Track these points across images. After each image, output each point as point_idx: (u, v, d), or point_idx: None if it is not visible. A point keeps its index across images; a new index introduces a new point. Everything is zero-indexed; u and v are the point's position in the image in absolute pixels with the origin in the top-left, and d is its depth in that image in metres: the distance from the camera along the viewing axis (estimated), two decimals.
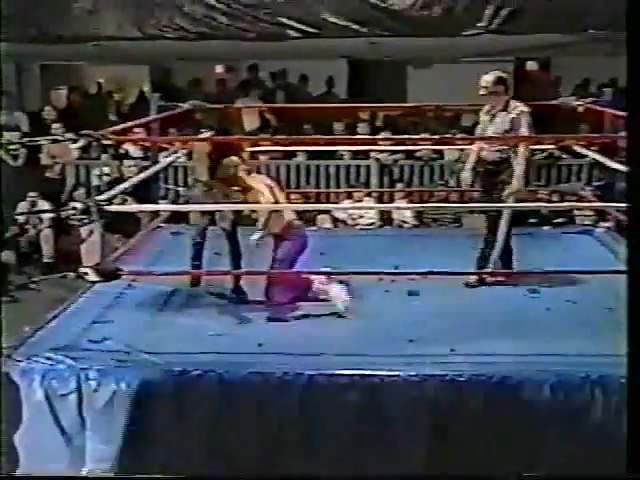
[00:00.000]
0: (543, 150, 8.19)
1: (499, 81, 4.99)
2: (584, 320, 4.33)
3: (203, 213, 5.00)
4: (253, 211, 4.99)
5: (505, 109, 4.98)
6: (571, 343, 4.04)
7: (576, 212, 8.05)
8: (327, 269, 4.86)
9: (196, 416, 3.79)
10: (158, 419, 3.80)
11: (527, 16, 8.36)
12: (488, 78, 5.00)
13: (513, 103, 4.99)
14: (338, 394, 3.74)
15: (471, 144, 5.46)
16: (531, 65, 10.67)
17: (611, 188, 5.95)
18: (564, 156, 8.99)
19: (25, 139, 7.51)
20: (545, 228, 7.24)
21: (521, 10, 8.35)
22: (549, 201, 7.98)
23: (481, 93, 5.03)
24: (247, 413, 3.78)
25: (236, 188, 4.76)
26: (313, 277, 4.70)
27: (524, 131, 4.90)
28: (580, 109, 5.99)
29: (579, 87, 10.40)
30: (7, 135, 9.27)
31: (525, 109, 4.92)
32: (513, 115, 4.93)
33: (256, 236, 4.58)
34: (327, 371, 3.77)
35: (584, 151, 6.48)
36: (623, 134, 4.28)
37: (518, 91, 10.86)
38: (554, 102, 6.32)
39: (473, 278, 4.91)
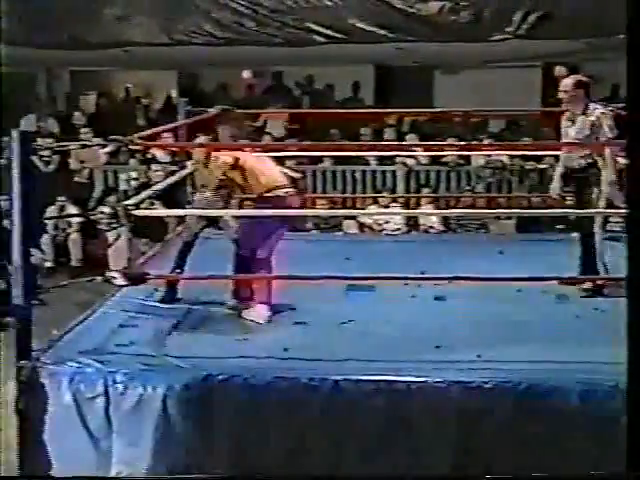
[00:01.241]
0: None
1: (579, 85, 4.84)
2: (613, 328, 4.27)
3: (200, 217, 4.97)
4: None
5: (584, 113, 4.82)
6: (599, 351, 4.00)
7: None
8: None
9: (222, 420, 3.80)
10: (184, 422, 3.81)
11: (556, 21, 8.32)
12: (568, 82, 4.84)
13: (592, 106, 4.83)
14: (363, 400, 3.73)
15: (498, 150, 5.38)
16: (559, 70, 10.59)
17: None
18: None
19: (54, 144, 7.61)
20: (573, 234, 7.17)
21: (550, 15, 8.32)
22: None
23: (560, 97, 4.89)
24: (273, 417, 3.79)
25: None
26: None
27: (607, 133, 4.72)
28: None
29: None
30: (40, 141, 9.38)
31: (605, 111, 4.76)
32: (592, 118, 4.77)
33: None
34: (353, 377, 3.76)
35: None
36: None
37: (546, 96, 10.91)
38: None
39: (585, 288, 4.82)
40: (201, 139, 5.17)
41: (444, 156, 9.37)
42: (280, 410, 3.77)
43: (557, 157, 8.73)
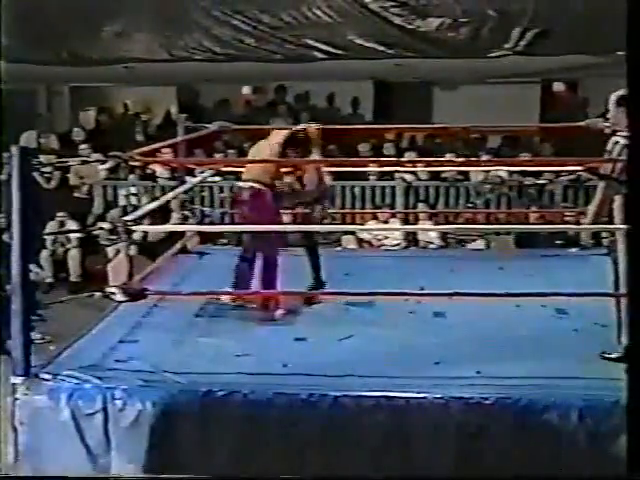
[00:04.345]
0: (570, 172, 8.15)
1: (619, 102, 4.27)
2: (613, 343, 4.27)
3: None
4: None
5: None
6: (599, 366, 4.00)
7: (603, 234, 7.98)
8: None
9: (221, 436, 3.79)
10: (183, 438, 3.80)
11: (554, 38, 8.36)
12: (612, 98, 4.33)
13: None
14: (363, 416, 3.72)
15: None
16: (558, 86, 10.65)
17: None
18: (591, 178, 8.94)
19: (54, 160, 7.62)
20: (572, 250, 7.20)
21: (548, 32, 8.36)
22: (577, 223, 7.92)
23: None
24: (272, 433, 3.77)
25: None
26: None
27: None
28: (607, 130, 5.92)
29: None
30: (43, 158, 9.40)
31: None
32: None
33: None
34: (353, 393, 3.76)
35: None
36: None
37: (545, 112, 10.96)
38: (581, 123, 6.27)
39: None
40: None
41: (443, 172, 9.39)
42: (279, 426, 3.77)
43: (556, 172, 8.89)
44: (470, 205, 9.26)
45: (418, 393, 3.73)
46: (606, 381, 3.82)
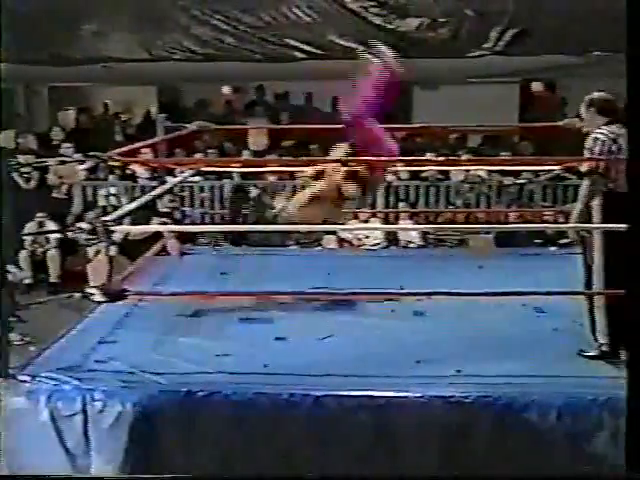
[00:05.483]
0: (549, 171, 8.21)
1: (590, 104, 4.29)
2: (591, 341, 4.31)
3: None
4: None
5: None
6: (578, 365, 4.03)
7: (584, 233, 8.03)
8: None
9: (202, 436, 3.78)
10: (164, 439, 3.79)
11: (532, 38, 8.41)
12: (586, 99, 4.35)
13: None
14: (345, 415, 3.73)
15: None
16: (536, 86, 10.71)
17: None
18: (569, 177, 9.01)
19: (31, 160, 7.57)
20: (551, 249, 7.24)
21: (526, 32, 8.41)
22: (555, 222, 7.99)
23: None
24: (254, 433, 3.77)
25: None
26: None
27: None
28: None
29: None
30: (21, 158, 9.33)
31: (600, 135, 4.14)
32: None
33: None
34: (334, 392, 3.76)
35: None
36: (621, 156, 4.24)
37: (524, 112, 11.02)
38: (559, 123, 6.32)
39: None
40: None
41: (423, 171, 9.41)
42: (261, 426, 3.76)
43: (535, 172, 8.95)
44: (453, 206, 9.29)
45: (399, 392, 3.74)
46: (585, 379, 3.86)
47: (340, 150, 5.09)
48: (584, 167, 4.15)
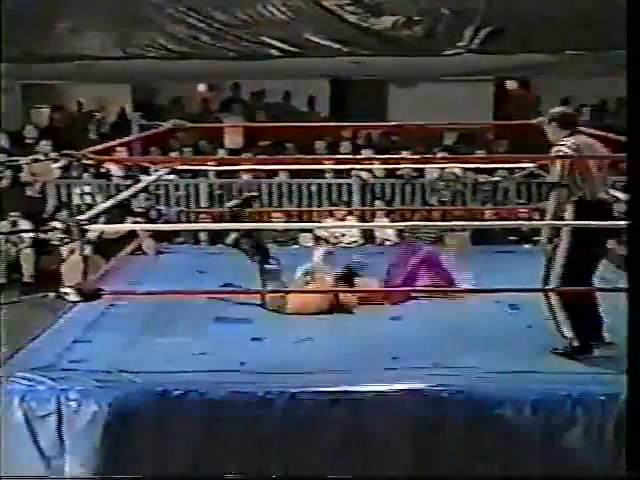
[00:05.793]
0: (524, 169, 8.26)
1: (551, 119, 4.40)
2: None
3: None
4: None
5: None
6: (551, 361, 4.07)
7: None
8: None
9: (178, 435, 3.77)
10: (139, 439, 3.77)
11: (506, 36, 8.47)
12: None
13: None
14: (321, 411, 3.74)
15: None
16: (511, 84, 10.78)
17: None
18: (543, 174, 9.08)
19: (3, 158, 7.50)
20: (526, 246, 7.30)
21: (500, 30, 8.47)
22: (530, 219, 8.04)
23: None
24: (230, 431, 3.77)
25: None
26: None
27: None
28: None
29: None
30: None
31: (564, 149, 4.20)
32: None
33: None
34: (310, 389, 3.76)
35: None
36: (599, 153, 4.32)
37: (498, 110, 11.08)
38: (533, 121, 6.36)
39: None
40: None
41: (399, 169, 9.44)
42: (237, 424, 3.76)
43: (510, 169, 9.01)
44: (434, 203, 9.33)
45: (375, 387, 3.75)
46: (558, 375, 3.90)
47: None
48: (551, 177, 4.23)
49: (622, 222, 3.78)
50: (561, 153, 4.19)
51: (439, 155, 9.18)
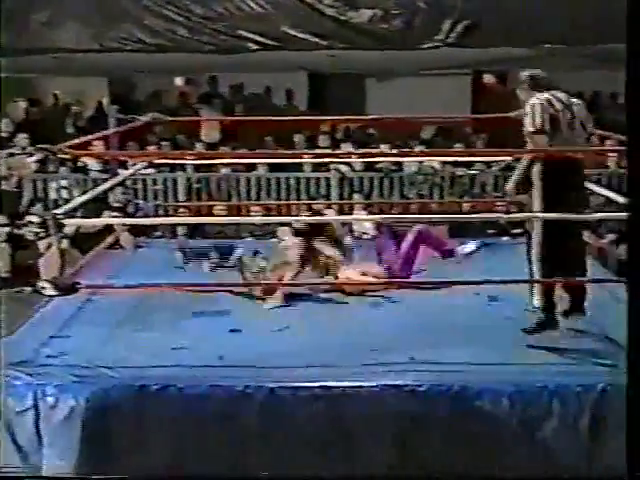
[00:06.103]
0: (501, 162, 8.30)
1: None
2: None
3: None
4: None
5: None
6: (529, 353, 4.10)
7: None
8: None
9: (157, 430, 3.76)
10: (118, 434, 3.75)
11: (483, 30, 8.49)
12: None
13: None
14: (300, 406, 3.74)
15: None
16: (488, 78, 10.81)
17: None
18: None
19: None
20: (504, 238, 7.33)
21: (478, 24, 8.49)
22: (507, 212, 8.07)
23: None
24: (209, 426, 3.76)
25: None
26: None
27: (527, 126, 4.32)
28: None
29: None
30: None
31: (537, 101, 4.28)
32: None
33: None
34: (289, 383, 3.77)
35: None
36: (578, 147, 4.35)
37: (476, 104, 11.12)
38: (510, 114, 6.39)
39: None
40: None
41: (378, 162, 9.45)
42: (216, 419, 3.75)
43: (487, 163, 9.05)
44: (417, 197, 9.36)
45: (353, 382, 3.76)
46: (536, 366, 3.93)
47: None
48: (527, 128, 4.24)
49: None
50: (536, 106, 4.19)
51: (417, 149, 9.19)
